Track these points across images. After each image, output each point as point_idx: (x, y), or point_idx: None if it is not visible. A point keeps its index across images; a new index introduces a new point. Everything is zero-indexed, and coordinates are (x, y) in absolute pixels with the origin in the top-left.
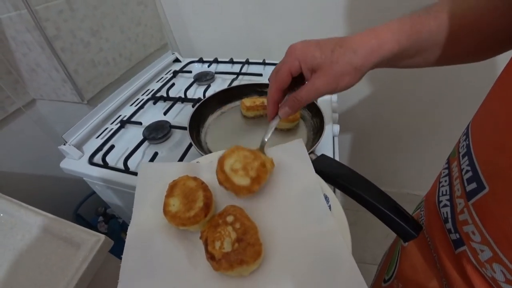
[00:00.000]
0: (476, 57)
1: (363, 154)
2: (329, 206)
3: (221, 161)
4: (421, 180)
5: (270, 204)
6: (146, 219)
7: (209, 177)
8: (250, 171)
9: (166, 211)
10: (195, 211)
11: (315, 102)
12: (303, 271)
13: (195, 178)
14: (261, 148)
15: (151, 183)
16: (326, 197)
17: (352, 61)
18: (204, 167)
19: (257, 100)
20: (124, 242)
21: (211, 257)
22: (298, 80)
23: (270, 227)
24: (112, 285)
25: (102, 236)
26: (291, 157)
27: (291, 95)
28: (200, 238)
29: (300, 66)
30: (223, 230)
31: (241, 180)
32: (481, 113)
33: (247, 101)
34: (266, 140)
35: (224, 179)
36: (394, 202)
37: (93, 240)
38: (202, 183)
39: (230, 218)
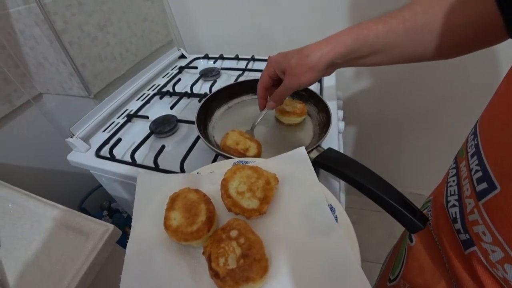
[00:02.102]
0: (439, 56)
1: (366, 152)
2: (336, 217)
3: (225, 185)
4: (424, 179)
5: (274, 218)
6: (145, 233)
7: (211, 188)
8: (256, 192)
9: (167, 226)
10: (197, 226)
11: (322, 97)
12: (310, 285)
13: (196, 191)
14: (251, 130)
15: (150, 195)
16: (332, 208)
17: (307, 63)
18: (205, 178)
19: (242, 141)
20: (128, 236)
21: (215, 274)
22: (279, 83)
23: (275, 241)
24: (119, 276)
25: (111, 226)
26: (294, 168)
27: (274, 92)
28: (203, 253)
29: (274, 70)
30: (227, 245)
31: (250, 202)
32: (489, 112)
33: (231, 138)
34: (255, 124)
35: (232, 204)
36: (401, 194)
37: (102, 230)
38: (204, 195)
39: (234, 233)
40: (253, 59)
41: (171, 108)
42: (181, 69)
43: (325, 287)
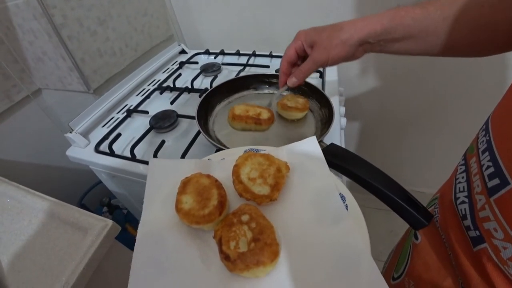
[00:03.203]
0: (473, 52)
1: (368, 149)
2: (346, 206)
3: (236, 171)
4: (426, 177)
5: (285, 205)
6: (157, 217)
7: (221, 175)
8: (267, 179)
9: (178, 209)
10: (209, 209)
11: (324, 92)
12: (321, 271)
13: (208, 176)
14: (268, 106)
15: (162, 180)
16: (342, 197)
17: (339, 36)
18: (216, 164)
19: (251, 109)
20: (128, 233)
21: (225, 257)
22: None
23: (286, 228)
24: (118, 272)
25: (110, 222)
26: (305, 157)
27: (297, 68)
28: (214, 237)
29: (303, 45)
30: (238, 229)
31: (261, 189)
32: (502, 108)
33: (238, 108)
34: (272, 103)
35: (243, 190)
36: (405, 190)
37: (100, 225)
38: (216, 180)
39: (245, 217)
40: (254, 54)
41: (171, 103)
42: (181, 64)
43: (334, 274)
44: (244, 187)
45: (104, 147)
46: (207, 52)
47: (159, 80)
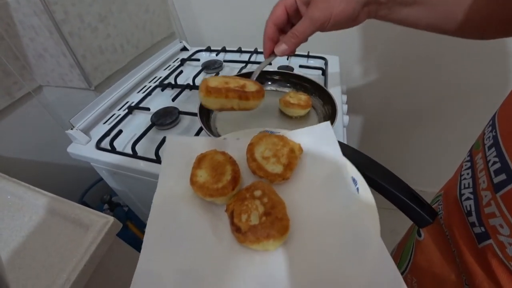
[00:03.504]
0: (482, 31)
1: (369, 148)
2: (357, 189)
3: (250, 149)
4: (427, 175)
5: (297, 185)
6: (171, 189)
7: (236, 154)
8: (281, 158)
9: (193, 181)
10: (223, 183)
11: (327, 89)
12: (329, 248)
13: (223, 153)
14: (252, 79)
15: (178, 155)
16: (354, 180)
17: None
18: (231, 143)
19: (232, 81)
20: (129, 230)
21: (236, 229)
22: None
23: (296, 207)
24: (120, 269)
25: (111, 218)
26: (318, 140)
27: (289, 31)
28: (226, 211)
29: (295, 1)
30: (251, 203)
31: (274, 167)
32: (509, 104)
33: (214, 80)
34: (254, 77)
35: (257, 168)
36: (409, 187)
37: (102, 222)
38: (230, 157)
39: (258, 193)
40: (256, 51)
41: (173, 100)
42: (183, 61)
43: (343, 255)
44: (258, 165)
45: (105, 144)
46: (208, 49)
47: (160, 77)
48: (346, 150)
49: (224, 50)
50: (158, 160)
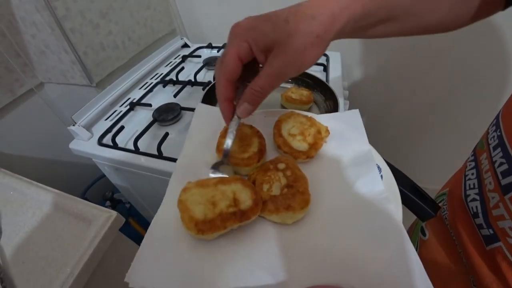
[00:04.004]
0: (447, 28)
1: (371, 144)
2: (381, 176)
3: (278, 125)
4: (428, 173)
5: (321, 166)
6: (196, 154)
7: (262, 129)
8: (307, 137)
9: (219, 149)
10: (249, 154)
11: (329, 85)
12: (348, 232)
13: (250, 126)
14: (225, 159)
15: (205, 123)
16: (378, 167)
17: (313, 29)
18: (258, 119)
19: (218, 195)
20: (131, 227)
21: None
22: (250, 68)
23: (319, 185)
24: (122, 264)
25: (114, 213)
26: (346, 125)
27: (248, 87)
28: (248, 179)
29: (250, 48)
30: (274, 174)
31: (299, 145)
32: None
33: (192, 201)
34: (228, 147)
35: (282, 143)
36: (412, 181)
37: (104, 217)
38: (258, 131)
39: (281, 166)
40: None
41: (175, 96)
42: (184, 58)
43: (362, 237)
44: (284, 141)
45: (107, 140)
46: (209, 46)
47: (162, 74)
48: None
49: (225, 46)
50: (160, 155)
